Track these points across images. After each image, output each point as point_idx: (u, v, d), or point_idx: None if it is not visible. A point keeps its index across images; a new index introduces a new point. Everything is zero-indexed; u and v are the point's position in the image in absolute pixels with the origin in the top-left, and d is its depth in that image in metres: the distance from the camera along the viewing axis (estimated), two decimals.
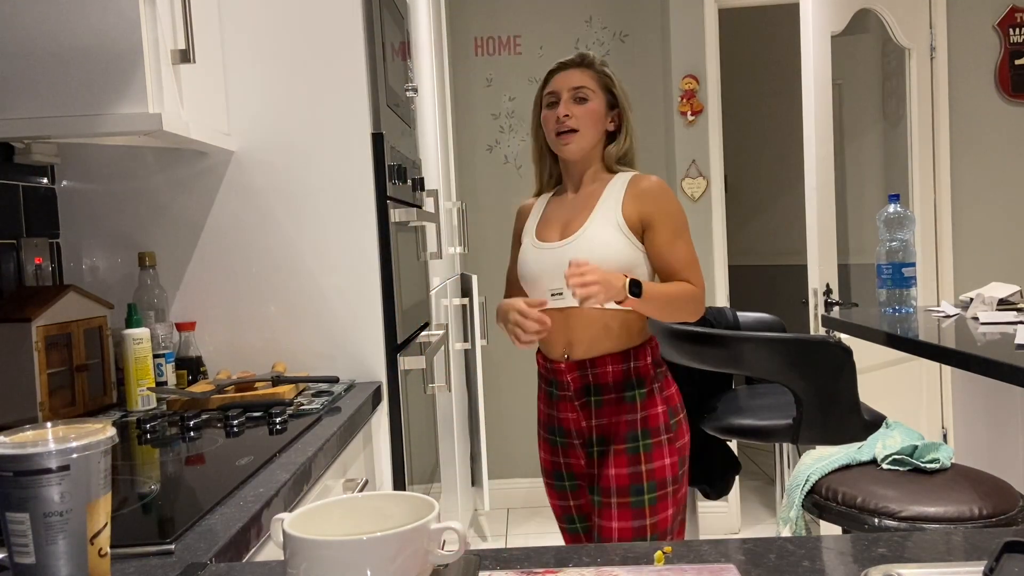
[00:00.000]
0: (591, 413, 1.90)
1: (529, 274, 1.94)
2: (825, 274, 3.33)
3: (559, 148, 1.93)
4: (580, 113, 1.90)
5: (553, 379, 1.94)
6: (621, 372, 1.89)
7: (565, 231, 1.91)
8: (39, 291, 1.81)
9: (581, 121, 1.90)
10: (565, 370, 1.90)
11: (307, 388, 1.96)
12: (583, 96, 1.92)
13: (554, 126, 1.91)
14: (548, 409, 1.99)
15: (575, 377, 1.90)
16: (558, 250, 1.88)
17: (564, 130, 1.90)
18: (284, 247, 2.06)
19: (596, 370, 1.88)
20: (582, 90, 1.92)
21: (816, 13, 3.27)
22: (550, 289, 1.88)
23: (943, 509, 1.82)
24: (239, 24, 2.03)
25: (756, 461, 4.79)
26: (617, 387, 1.89)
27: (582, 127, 1.90)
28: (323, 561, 0.76)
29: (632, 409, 1.88)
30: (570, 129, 1.90)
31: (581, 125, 1.90)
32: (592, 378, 1.89)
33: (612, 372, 1.88)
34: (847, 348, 2.31)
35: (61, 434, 0.84)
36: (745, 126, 5.30)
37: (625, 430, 1.88)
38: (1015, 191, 3.92)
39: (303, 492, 1.35)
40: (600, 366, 1.88)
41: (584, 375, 1.89)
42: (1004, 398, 2.37)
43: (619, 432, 1.88)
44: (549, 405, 1.99)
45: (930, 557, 0.89)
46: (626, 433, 1.88)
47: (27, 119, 1.57)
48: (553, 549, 1.00)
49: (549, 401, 1.98)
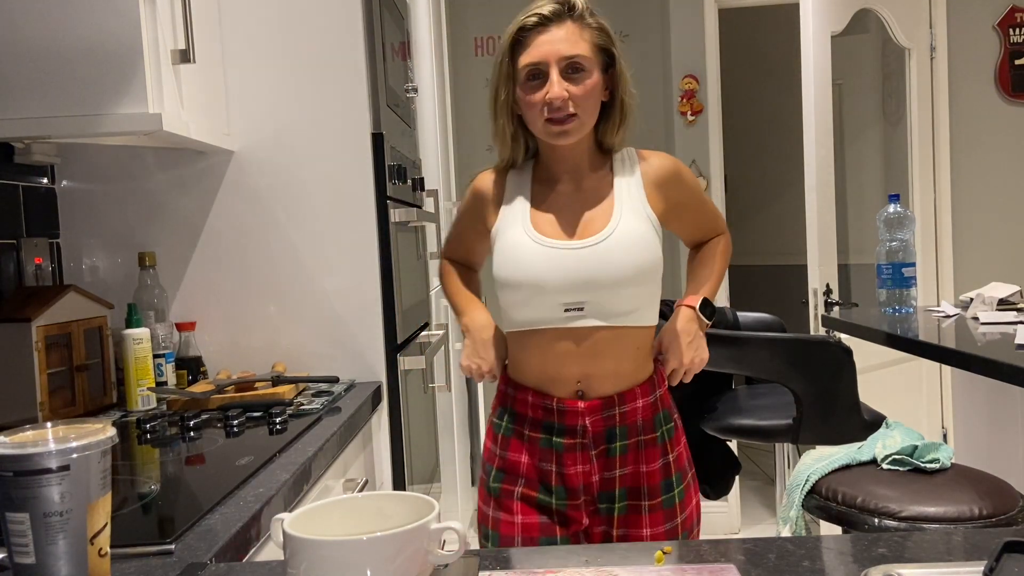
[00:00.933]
0: (608, 463, 1.48)
1: (529, 279, 1.44)
2: (825, 274, 3.33)
3: (553, 138, 1.45)
4: (579, 93, 1.42)
5: (557, 424, 1.48)
6: (650, 407, 1.50)
7: (583, 228, 1.47)
8: (39, 291, 1.81)
9: (581, 103, 1.43)
10: (582, 412, 1.46)
11: (307, 388, 1.96)
12: (579, 66, 1.42)
13: (544, 112, 1.42)
14: (541, 462, 1.49)
15: (596, 420, 1.46)
16: (579, 252, 1.43)
17: (561, 117, 1.42)
18: (284, 247, 2.06)
19: (624, 408, 1.47)
20: (577, 60, 1.42)
21: (816, 13, 3.26)
22: (564, 303, 1.43)
23: (943, 509, 1.82)
24: (239, 24, 2.03)
25: (756, 461, 4.79)
26: (647, 426, 1.50)
27: (582, 110, 1.43)
28: (323, 561, 0.76)
29: (664, 451, 1.51)
30: (568, 115, 1.43)
31: (581, 108, 1.43)
32: (619, 419, 1.47)
33: (642, 408, 1.49)
34: (847, 348, 2.31)
35: (61, 434, 0.84)
36: (745, 126, 5.30)
37: (659, 480, 1.50)
38: (1015, 191, 3.91)
39: (303, 492, 1.35)
40: (629, 401, 1.47)
41: (609, 416, 1.47)
42: (1004, 398, 2.37)
43: (652, 484, 1.49)
44: (545, 458, 1.49)
45: (930, 557, 0.89)
46: (660, 483, 1.50)
47: (27, 119, 1.57)
48: (553, 549, 1.00)
49: (544, 453, 1.49)
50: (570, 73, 1.42)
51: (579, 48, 1.42)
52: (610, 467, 1.47)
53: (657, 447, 1.50)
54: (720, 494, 2.77)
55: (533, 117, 1.45)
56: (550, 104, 1.41)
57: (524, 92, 1.45)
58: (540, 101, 1.42)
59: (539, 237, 1.46)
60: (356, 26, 2.04)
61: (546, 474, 1.48)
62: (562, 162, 1.51)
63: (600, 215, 1.47)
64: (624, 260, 1.42)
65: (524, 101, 1.45)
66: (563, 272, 1.42)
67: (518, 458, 1.50)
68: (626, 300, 1.43)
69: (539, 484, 1.49)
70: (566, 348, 1.45)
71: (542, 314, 1.44)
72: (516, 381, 1.53)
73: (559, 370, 1.46)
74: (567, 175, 1.52)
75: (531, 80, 1.43)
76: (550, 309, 1.44)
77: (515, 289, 1.45)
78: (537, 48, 1.42)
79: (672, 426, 1.53)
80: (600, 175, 1.52)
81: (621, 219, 1.46)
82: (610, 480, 1.48)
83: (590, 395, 1.46)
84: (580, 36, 1.43)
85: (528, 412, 1.50)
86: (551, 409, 1.47)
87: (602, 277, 1.41)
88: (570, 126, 1.43)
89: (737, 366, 2.45)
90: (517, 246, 1.46)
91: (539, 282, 1.43)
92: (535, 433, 1.49)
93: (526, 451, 1.50)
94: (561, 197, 1.51)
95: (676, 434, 1.54)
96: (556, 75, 1.41)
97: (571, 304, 1.43)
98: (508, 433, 1.52)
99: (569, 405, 1.46)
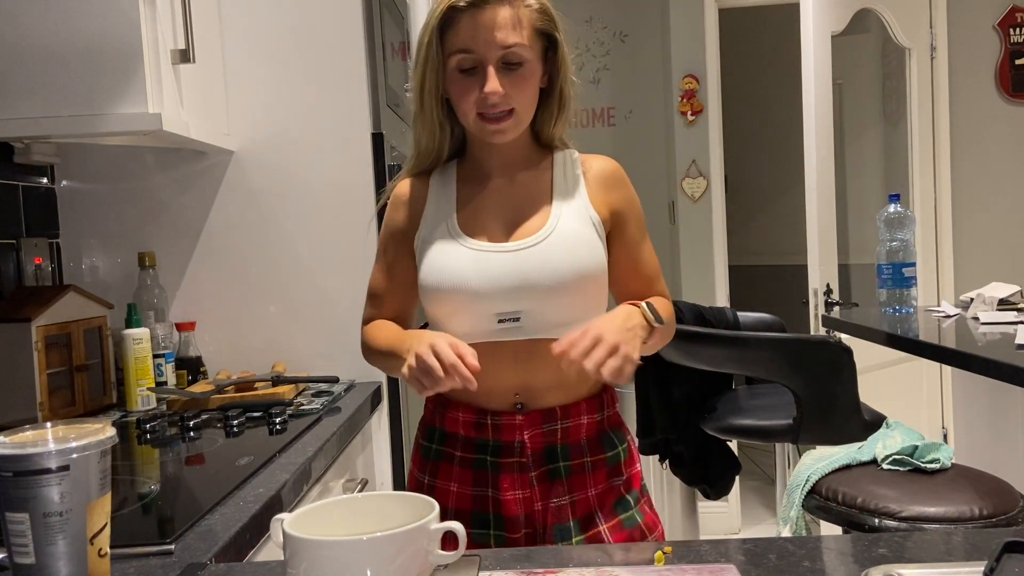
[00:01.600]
0: (554, 489, 1.28)
1: (457, 286, 1.25)
2: (825, 274, 3.33)
3: (487, 135, 1.28)
4: (516, 85, 1.25)
5: (492, 441, 1.29)
6: (596, 424, 1.32)
7: (518, 229, 1.29)
8: (39, 291, 1.81)
9: (518, 96, 1.25)
10: (519, 426, 1.27)
11: (307, 388, 1.96)
12: (517, 57, 1.24)
13: (477, 106, 1.25)
14: (475, 488, 1.29)
15: (535, 435, 1.28)
16: (513, 255, 1.26)
17: (496, 114, 1.25)
18: (284, 247, 2.06)
19: (568, 423, 1.29)
20: (515, 51, 1.24)
21: (816, 13, 3.26)
22: (498, 313, 1.25)
23: (943, 509, 1.82)
24: (239, 24, 2.03)
25: (756, 461, 4.79)
26: (592, 446, 1.31)
27: (520, 106, 1.26)
28: (323, 561, 0.76)
29: (613, 473, 1.32)
30: (505, 112, 1.25)
31: (518, 102, 1.26)
32: (561, 435, 1.29)
33: (587, 425, 1.31)
34: (847, 348, 2.31)
35: (61, 434, 0.84)
36: (745, 126, 5.30)
37: (611, 500, 1.32)
38: (1015, 191, 3.91)
39: (303, 492, 1.35)
40: (573, 416, 1.29)
41: (549, 432, 1.28)
42: (1004, 398, 2.36)
43: (604, 505, 1.31)
44: (479, 481, 1.29)
45: (930, 557, 0.89)
46: (613, 504, 1.32)
47: (27, 119, 1.57)
48: (553, 549, 1.00)
49: (478, 476, 1.29)
50: (506, 65, 1.24)
51: (516, 35, 1.23)
52: (557, 493, 1.28)
53: (605, 468, 1.32)
54: (720, 494, 2.77)
55: (465, 110, 1.27)
56: (484, 100, 1.24)
57: (455, 86, 1.27)
58: (472, 93, 1.25)
59: (467, 240, 1.28)
60: (356, 26, 2.04)
61: (480, 501, 1.29)
62: (494, 156, 1.34)
63: (536, 215, 1.30)
64: (563, 263, 1.24)
65: (454, 94, 1.28)
66: (495, 277, 1.25)
67: (447, 487, 1.31)
68: (566, 309, 1.25)
69: (471, 517, 1.28)
70: (502, 360, 1.26)
71: (473, 326, 1.25)
72: (446, 397, 1.31)
73: (495, 382, 1.26)
74: (498, 170, 1.34)
75: (463, 72, 1.25)
76: (482, 320, 1.25)
77: (442, 299, 1.27)
78: (469, 33, 1.23)
79: (625, 447, 1.35)
80: (536, 172, 1.35)
81: (560, 219, 1.29)
82: (561, 510, 1.28)
83: (530, 407, 1.28)
84: (518, 21, 1.24)
85: (460, 431, 1.31)
86: (485, 425, 1.29)
87: (539, 282, 1.23)
88: (506, 124, 1.26)
89: (737, 366, 2.45)
90: (442, 251, 1.28)
91: (468, 289, 1.25)
92: (467, 454, 1.30)
93: (456, 477, 1.30)
94: (492, 195, 1.33)
95: (630, 457, 1.36)
96: (492, 69, 1.23)
97: (505, 314, 1.25)
98: (438, 457, 1.33)
99: (506, 419, 1.28)
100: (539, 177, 1.34)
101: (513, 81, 1.25)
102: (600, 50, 4.10)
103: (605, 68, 4.10)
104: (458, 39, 1.24)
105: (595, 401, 1.32)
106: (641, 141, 4.07)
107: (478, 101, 1.25)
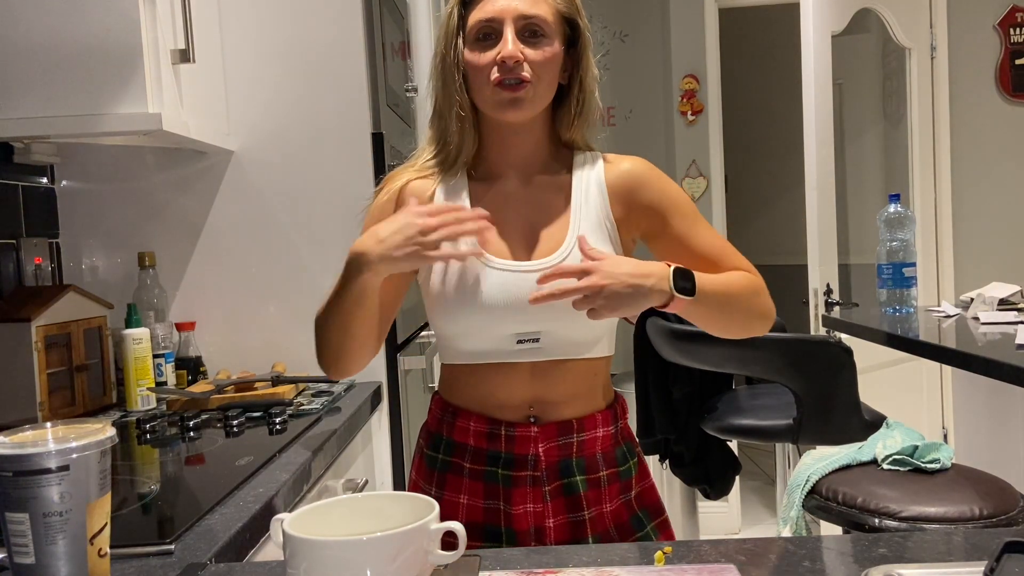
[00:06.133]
0: (571, 504, 1.25)
1: (478, 307, 1.21)
2: (825, 274, 3.33)
3: (501, 109, 1.21)
4: (536, 58, 1.20)
5: (504, 454, 1.24)
6: (611, 437, 1.29)
7: (538, 243, 1.25)
8: (39, 291, 1.81)
9: (538, 70, 1.20)
10: (535, 439, 1.23)
11: (307, 388, 1.96)
12: (538, 29, 1.20)
13: (492, 74, 1.19)
14: (486, 501, 1.25)
15: (551, 448, 1.24)
16: (536, 276, 1.16)
17: (512, 80, 1.19)
18: (284, 247, 2.06)
19: (584, 435, 1.25)
20: (536, 22, 1.20)
21: (816, 13, 3.26)
22: (517, 333, 1.21)
23: (943, 509, 1.82)
24: (239, 24, 2.03)
25: (756, 461, 4.79)
26: (608, 460, 1.28)
27: (538, 78, 1.20)
28: (323, 561, 0.76)
29: (627, 488, 1.29)
30: (520, 80, 1.19)
31: (537, 76, 1.20)
32: (577, 449, 1.25)
33: (603, 438, 1.27)
34: (847, 348, 2.31)
35: (61, 434, 0.84)
36: (745, 126, 5.30)
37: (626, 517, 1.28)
38: (1015, 191, 3.91)
39: (303, 492, 1.35)
40: (589, 429, 1.26)
41: (565, 445, 1.24)
42: (1004, 398, 2.36)
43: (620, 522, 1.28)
44: (490, 494, 1.24)
45: (930, 557, 0.89)
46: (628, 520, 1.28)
47: (27, 119, 1.57)
48: (553, 549, 1.00)
49: (489, 488, 1.25)
50: (528, 36, 1.20)
51: (539, 8, 1.20)
52: (574, 508, 1.24)
53: (619, 483, 1.28)
54: (720, 494, 2.77)
55: (480, 82, 1.21)
56: (502, 64, 1.18)
57: (472, 52, 1.21)
58: (490, 61, 1.19)
59: (488, 259, 1.22)
60: (356, 26, 2.04)
61: (491, 514, 1.24)
62: (509, 151, 1.27)
63: (555, 225, 1.25)
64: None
65: (471, 63, 1.21)
66: (517, 299, 1.20)
67: (456, 499, 1.25)
68: (586, 329, 1.21)
69: (482, 533, 1.23)
70: (518, 375, 1.24)
71: (492, 345, 1.22)
72: (455, 405, 1.28)
73: (508, 396, 1.24)
74: (513, 170, 1.28)
75: (482, 39, 1.21)
76: (501, 340, 1.22)
77: (459, 318, 1.23)
78: (492, 3, 1.20)
79: (636, 461, 1.32)
80: (555, 175, 1.29)
81: (582, 229, 1.24)
82: (578, 526, 1.24)
83: (544, 419, 1.24)
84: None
85: (469, 441, 1.25)
86: (498, 436, 1.23)
87: (560, 303, 1.14)
88: (522, 92, 1.19)
89: (737, 366, 2.45)
90: (464, 269, 1.22)
91: (489, 310, 1.20)
92: (477, 466, 1.25)
93: (466, 490, 1.25)
94: (509, 203, 1.26)
95: (640, 470, 1.32)
96: (511, 33, 1.19)
97: (525, 335, 1.21)
98: (444, 468, 1.27)
99: (520, 431, 1.23)
100: (557, 181, 1.28)
101: (533, 51, 1.19)
102: (600, 50, 4.10)
103: (605, 68, 4.10)
104: (480, 10, 1.21)
105: (609, 413, 1.29)
106: (641, 141, 4.07)
107: (496, 66, 1.19)
